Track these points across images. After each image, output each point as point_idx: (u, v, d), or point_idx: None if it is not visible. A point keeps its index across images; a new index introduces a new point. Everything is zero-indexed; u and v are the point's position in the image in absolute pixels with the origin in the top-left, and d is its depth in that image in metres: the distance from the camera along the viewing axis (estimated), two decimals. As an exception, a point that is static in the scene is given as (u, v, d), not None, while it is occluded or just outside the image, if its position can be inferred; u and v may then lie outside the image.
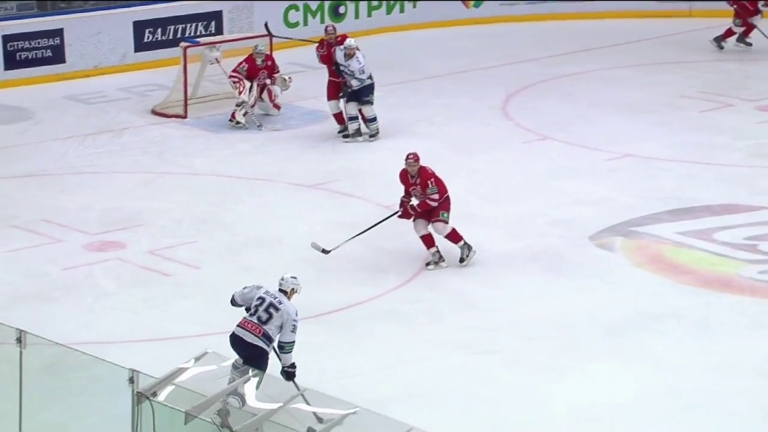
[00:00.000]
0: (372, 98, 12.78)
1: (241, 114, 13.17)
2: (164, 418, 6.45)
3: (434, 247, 10.00)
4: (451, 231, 9.99)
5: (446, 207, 10.00)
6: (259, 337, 7.45)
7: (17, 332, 6.43)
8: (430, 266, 9.97)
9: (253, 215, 11.09)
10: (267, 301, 7.51)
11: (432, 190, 9.92)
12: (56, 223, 10.72)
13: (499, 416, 7.95)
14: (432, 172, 9.99)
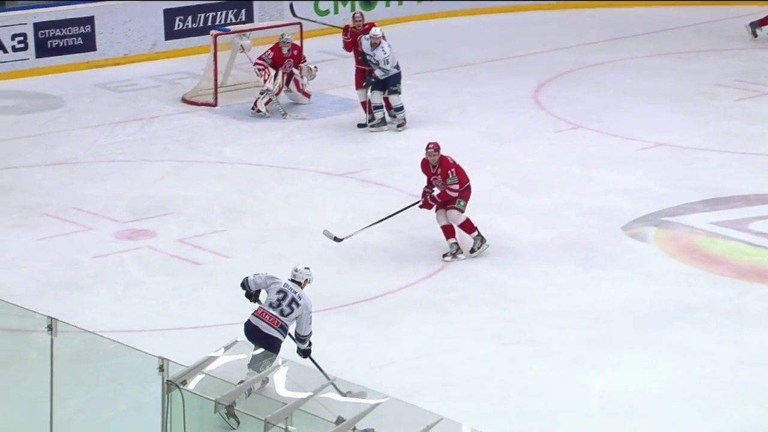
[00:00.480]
0: (399, 87, 12.75)
1: (262, 103, 13.18)
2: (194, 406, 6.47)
3: (454, 239, 9.97)
4: (465, 221, 9.94)
5: (465, 196, 9.96)
6: (276, 329, 7.57)
7: (48, 320, 6.46)
8: (447, 257, 9.94)
9: (282, 204, 11.10)
10: (289, 296, 7.62)
11: (452, 180, 9.89)
12: (86, 211, 10.78)
13: (530, 407, 7.93)
14: (453, 161, 9.96)
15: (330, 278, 9.69)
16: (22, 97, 13.70)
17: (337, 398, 6.12)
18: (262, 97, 13.20)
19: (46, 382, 6.57)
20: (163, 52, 15.13)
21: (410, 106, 13.59)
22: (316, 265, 9.87)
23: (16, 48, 14.39)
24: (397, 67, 12.72)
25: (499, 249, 10.26)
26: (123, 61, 14.91)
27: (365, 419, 5.87)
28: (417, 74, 14.54)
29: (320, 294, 9.38)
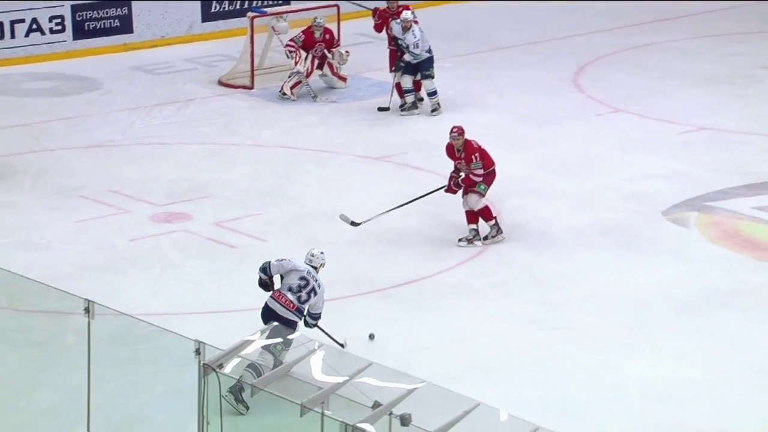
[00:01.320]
0: (432, 72, 12.71)
1: (288, 86, 13.19)
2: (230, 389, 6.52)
3: (474, 225, 9.93)
4: (484, 207, 9.90)
5: (487, 181, 9.91)
6: (292, 312, 7.69)
7: (85, 302, 6.52)
8: (462, 242, 9.92)
9: (319, 187, 11.12)
10: (310, 285, 7.73)
11: (476, 165, 9.86)
12: (123, 193, 10.86)
13: (568, 393, 7.92)
14: (477, 146, 9.92)
15: (365, 262, 9.71)
16: (60, 80, 13.81)
17: (374, 382, 6.14)
18: (289, 80, 13.21)
19: (83, 365, 6.64)
20: (200, 35, 15.18)
21: (447, 89, 13.57)
22: (351, 249, 9.93)
23: (54, 30, 14.50)
24: (429, 51, 12.68)
25: (537, 234, 10.24)
26: (159, 44, 14.98)
27: (402, 404, 5.88)
28: (454, 57, 14.50)
29: (356, 278, 9.43)
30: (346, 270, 9.56)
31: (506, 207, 10.74)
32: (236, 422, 6.55)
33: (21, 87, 13.53)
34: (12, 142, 11.96)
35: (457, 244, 9.91)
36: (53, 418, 7.31)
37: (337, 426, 5.61)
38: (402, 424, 5.68)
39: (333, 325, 8.70)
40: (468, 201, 9.94)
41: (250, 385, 6.88)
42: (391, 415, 5.76)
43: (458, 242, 9.92)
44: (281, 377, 6.56)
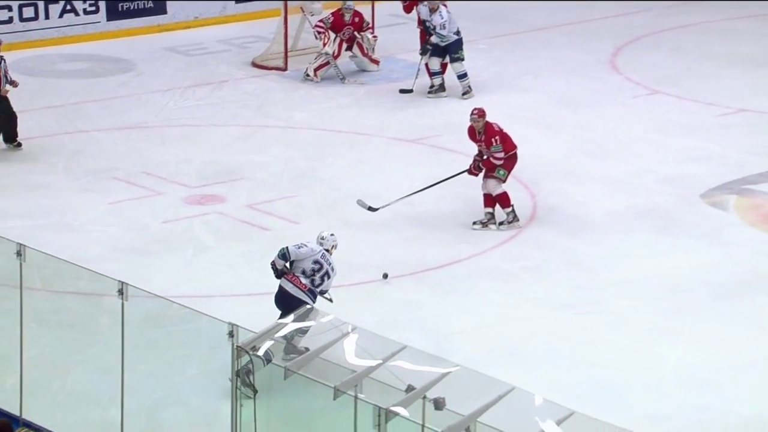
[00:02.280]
0: (461, 54, 12.64)
1: (312, 68, 13.17)
2: (263, 372, 6.54)
3: (490, 208, 9.89)
4: (502, 193, 9.83)
5: (507, 165, 9.83)
6: (305, 292, 7.73)
7: (119, 284, 6.56)
8: (476, 226, 9.88)
9: (352, 170, 11.12)
10: (324, 269, 7.77)
11: (496, 148, 9.80)
12: (156, 175, 10.91)
13: (602, 377, 7.89)
14: (498, 129, 9.85)
15: (399, 246, 9.71)
16: (93, 61, 13.87)
17: (408, 366, 6.14)
18: (314, 62, 13.20)
19: (117, 347, 6.68)
20: (233, 16, 15.19)
21: (482, 71, 13.51)
22: (385, 232, 9.93)
23: (88, 11, 14.56)
24: (457, 33, 12.62)
25: (573, 217, 10.19)
26: (193, 25, 15.00)
27: (436, 388, 5.88)
28: (489, 38, 14.43)
29: (388, 261, 9.43)
30: (378, 253, 9.57)
31: (541, 190, 10.70)
32: (269, 405, 6.57)
33: (55, 68, 13.61)
34: (46, 123, 12.03)
35: (471, 227, 9.87)
36: (87, 399, 7.37)
37: (370, 409, 5.62)
38: (436, 408, 5.68)
39: (365, 308, 8.73)
40: (487, 185, 9.89)
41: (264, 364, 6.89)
42: (424, 399, 5.76)
43: (472, 225, 9.88)
44: (314, 360, 6.58)
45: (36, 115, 12.17)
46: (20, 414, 6.87)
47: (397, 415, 5.61)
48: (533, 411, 5.81)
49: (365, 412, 5.66)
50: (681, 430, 7.44)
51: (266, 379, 6.66)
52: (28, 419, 6.83)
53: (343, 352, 6.57)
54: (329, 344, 6.68)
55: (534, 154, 11.50)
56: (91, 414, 7.21)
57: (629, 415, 7.47)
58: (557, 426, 5.48)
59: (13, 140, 11.33)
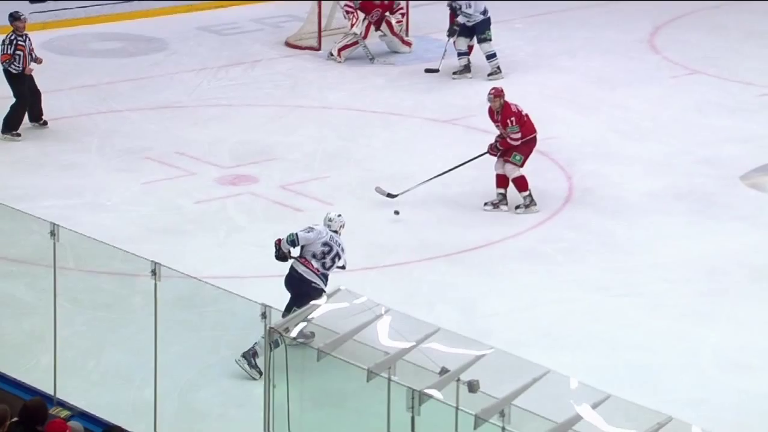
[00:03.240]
0: (488, 34, 12.56)
1: (337, 48, 13.14)
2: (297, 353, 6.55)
3: (502, 189, 9.84)
4: (519, 177, 9.77)
5: (523, 150, 9.75)
6: (318, 276, 7.70)
7: (152, 264, 6.59)
8: (487, 206, 9.85)
9: (386, 151, 11.10)
10: (334, 250, 7.74)
11: (512, 129, 9.74)
12: (189, 155, 10.94)
13: (640, 361, 7.86)
14: (516, 110, 9.78)
15: (433, 227, 9.69)
16: (126, 40, 13.92)
17: (442, 348, 6.14)
18: (340, 42, 13.17)
19: (150, 327, 6.72)
20: (267, -6, 15.18)
21: (518, 50, 13.44)
22: (419, 213, 9.92)
23: (121, -10, 14.59)
24: (484, 13, 12.54)
25: (609, 198, 10.14)
26: (226, 4, 15.00)
27: (470, 370, 5.87)
28: (525, 18, 14.35)
29: (422, 243, 9.42)
30: (412, 234, 9.56)
31: (577, 171, 10.65)
32: (302, 386, 6.58)
33: (88, 47, 13.66)
34: (79, 102, 12.09)
35: (482, 207, 9.82)
36: (120, 379, 7.42)
37: (404, 392, 5.62)
38: (470, 391, 5.67)
39: (399, 289, 8.72)
40: (506, 170, 9.82)
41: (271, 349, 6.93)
42: (458, 382, 5.75)
43: (484, 206, 9.84)
44: (347, 342, 6.58)
45: (69, 95, 12.24)
46: (54, 393, 6.93)
47: (431, 397, 5.61)
48: (569, 394, 5.79)
49: (399, 395, 5.66)
50: (719, 414, 7.39)
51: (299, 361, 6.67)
52: (62, 398, 6.89)
53: (377, 334, 6.57)
54: (362, 326, 6.68)
55: (570, 134, 11.44)
56: (124, 394, 7.26)
57: (666, 398, 7.43)
58: (593, 409, 5.46)
59: (38, 119, 11.38)
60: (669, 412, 5.44)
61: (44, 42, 13.58)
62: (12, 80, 11.16)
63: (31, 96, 11.27)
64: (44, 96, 11.54)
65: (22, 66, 11.09)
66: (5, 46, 11.13)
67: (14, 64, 11.07)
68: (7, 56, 11.07)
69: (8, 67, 11.12)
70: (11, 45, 11.10)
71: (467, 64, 12.72)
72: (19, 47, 11.10)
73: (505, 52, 13.50)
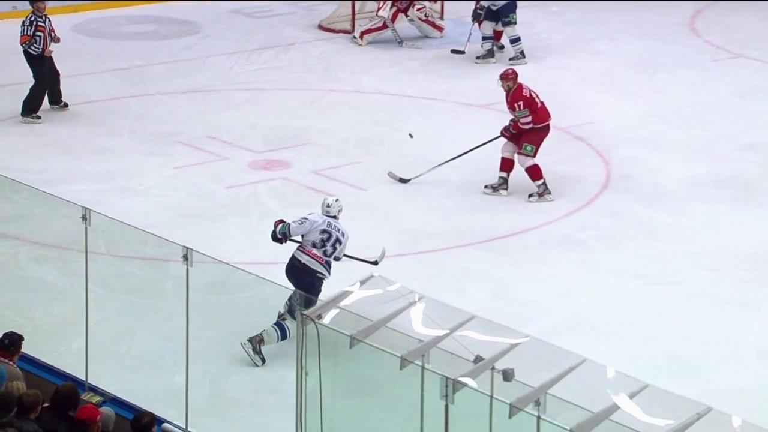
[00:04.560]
0: (513, 18, 12.50)
1: (360, 31, 13.14)
2: (329, 341, 6.57)
3: (504, 173, 9.81)
4: (532, 166, 9.69)
5: (534, 139, 9.67)
6: (322, 265, 7.65)
7: (183, 250, 6.62)
8: (487, 189, 9.84)
9: (420, 135, 11.08)
10: (333, 236, 7.68)
11: (521, 113, 9.69)
12: (221, 140, 10.97)
13: (678, 351, 7.83)
14: (527, 95, 9.72)
15: (467, 213, 9.68)
16: (159, 23, 13.97)
17: (476, 336, 6.14)
18: (365, 25, 13.15)
19: (181, 312, 6.75)
20: (300, -23, 15.17)
21: (555, 33, 13.38)
22: (453, 199, 9.91)
23: (153, -27, 14.64)
24: None
25: (648, 185, 10.09)
26: (259, -13, 15.02)
27: (504, 358, 5.87)
28: (562, 0, 14.27)
29: (456, 229, 9.41)
30: (445, 221, 9.56)
31: (615, 157, 10.60)
32: (335, 374, 6.60)
33: (121, 30, 13.73)
34: (111, 86, 12.15)
35: (482, 191, 9.79)
36: (152, 365, 7.48)
37: (437, 380, 5.62)
38: (504, 380, 5.67)
39: (432, 276, 8.72)
40: (519, 160, 9.76)
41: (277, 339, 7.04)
42: (493, 370, 5.75)
43: (484, 189, 9.81)
44: (381, 329, 6.59)
45: (101, 78, 12.30)
46: (86, 378, 6.98)
47: (465, 386, 5.61)
48: (605, 383, 5.77)
49: (432, 383, 5.67)
50: (759, 405, 7.34)
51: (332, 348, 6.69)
52: (93, 384, 6.94)
53: (410, 322, 6.57)
54: (396, 313, 6.69)
55: (608, 119, 11.38)
56: (155, 380, 7.31)
57: (705, 388, 7.39)
58: (630, 399, 5.44)
59: (58, 101, 11.39)
60: (708, 402, 5.41)
61: (76, 25, 13.67)
62: (32, 62, 11.16)
63: (51, 78, 11.26)
64: (76, 79, 11.62)
65: (42, 47, 11.08)
66: (25, 27, 11.12)
67: (34, 46, 11.06)
68: (26, 38, 11.06)
69: (28, 49, 11.11)
70: (31, 26, 11.10)
71: (491, 48, 12.69)
72: (39, 28, 11.09)
73: (541, 36, 13.45)
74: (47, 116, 11.34)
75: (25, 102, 11.21)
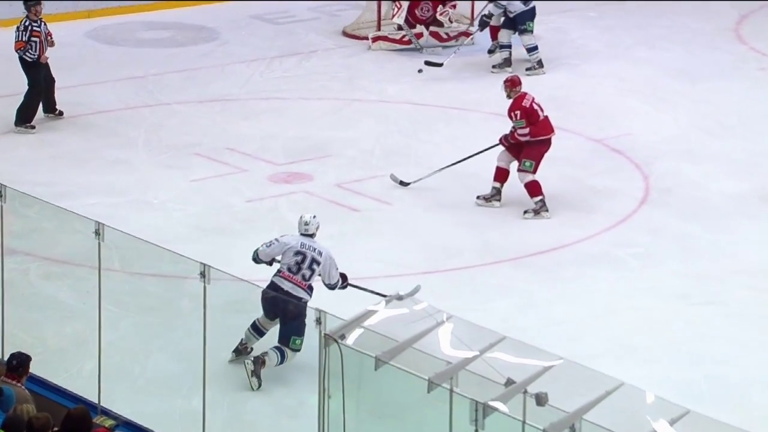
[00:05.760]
0: (530, 26, 12.53)
1: (372, 35, 13.17)
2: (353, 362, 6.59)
3: (497, 183, 9.85)
4: (530, 182, 9.71)
5: (533, 154, 9.69)
6: (304, 290, 7.58)
7: (201, 266, 6.66)
8: (479, 201, 9.90)
9: (448, 147, 11.11)
10: (308, 257, 7.60)
11: (518, 124, 9.75)
12: (240, 151, 11.04)
13: (722, 375, 7.81)
14: (527, 105, 9.76)
15: (498, 228, 9.70)
16: (175, 29, 14.07)
17: (508, 358, 6.14)
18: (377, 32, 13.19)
19: (198, 332, 6.79)
20: (323, -19, 15.26)
21: (592, 40, 13.40)
22: (484, 213, 9.92)
23: (169, -23, 14.76)
24: (525, 3, 12.48)
25: (690, 200, 10.08)
26: (280, -9, 15.11)
27: (537, 382, 5.88)
28: (599, 5, 14.29)
29: (486, 245, 9.43)
30: (476, 236, 9.58)
31: (655, 170, 10.60)
32: (359, 397, 6.63)
33: (136, 36, 13.83)
34: (126, 94, 12.24)
35: (475, 202, 9.85)
36: (167, 387, 7.51)
37: (467, 404, 5.63)
38: (537, 404, 5.67)
39: (462, 295, 8.74)
40: (519, 177, 9.77)
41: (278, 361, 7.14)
42: (525, 394, 5.76)
43: (476, 200, 9.88)
44: (407, 350, 6.61)
45: (115, 87, 12.40)
46: (98, 401, 7.03)
47: (496, 410, 5.62)
48: (644, 409, 5.77)
49: (461, 407, 5.68)
50: (807, 434, 7.32)
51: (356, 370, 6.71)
52: (106, 407, 6.98)
53: (438, 342, 6.59)
54: (423, 333, 6.71)
55: (648, 131, 11.38)
56: (171, 402, 7.35)
57: (751, 415, 7.37)
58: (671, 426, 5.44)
59: (53, 109, 11.36)
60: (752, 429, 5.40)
61: (89, 31, 13.79)
62: (27, 68, 11.16)
63: (46, 85, 11.23)
64: (89, 88, 11.72)
65: (38, 54, 11.07)
66: (20, 32, 11.10)
67: (29, 52, 11.05)
68: (21, 44, 11.05)
69: (23, 55, 11.11)
70: (26, 32, 11.09)
71: (508, 57, 12.72)
72: (34, 34, 11.08)
73: (577, 43, 13.47)
74: (58, 126, 11.43)
75: (19, 111, 11.20)
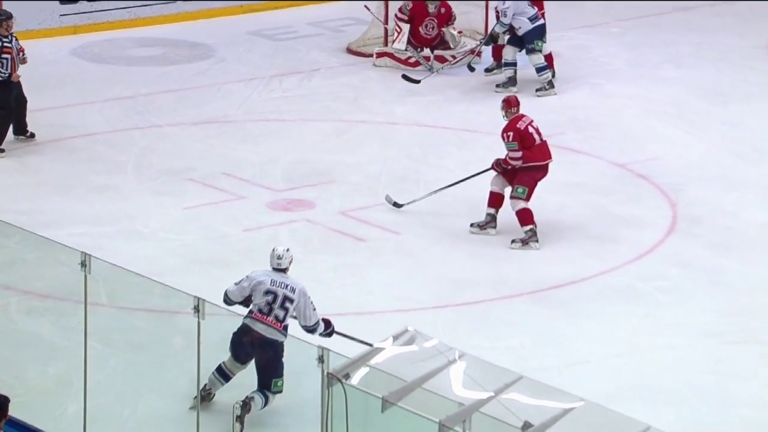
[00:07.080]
0: (537, 45, 12.62)
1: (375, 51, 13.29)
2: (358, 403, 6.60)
3: (492, 210, 9.92)
4: (521, 210, 9.76)
5: (526, 180, 9.76)
6: (279, 331, 7.48)
7: (195, 300, 6.69)
8: (473, 228, 9.95)
9: (460, 172, 11.13)
10: (280, 294, 7.49)
11: (509, 146, 9.84)
12: (237, 177, 11.08)
13: (757, 418, 7.82)
14: (521, 127, 9.84)
15: (514, 260, 9.72)
16: (168, 46, 14.16)
17: (524, 399, 6.16)
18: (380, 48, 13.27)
19: (192, 370, 6.82)
20: (326, -5, 15.38)
21: (615, 58, 13.47)
22: (498, 244, 9.95)
23: (162, -10, 14.86)
24: (532, 20, 12.54)
25: (721, 230, 10.10)
26: (281, 6, 15.21)
27: (557, 425, 5.89)
28: (623, 21, 14.37)
29: (501, 278, 9.45)
30: (490, 268, 9.60)
31: (683, 198, 10.63)
32: (364, 440, 6.64)
33: (126, 54, 13.92)
34: (115, 116, 12.31)
35: (469, 229, 9.90)
36: (159, 429, 7.53)
37: (480, 448, 5.66)
38: None
39: (474, 331, 8.75)
40: (511, 204, 9.84)
41: (262, 405, 7.16)
42: (540, 437, 5.77)
43: (470, 227, 9.92)
44: (416, 391, 6.62)
45: (103, 108, 12.47)
46: (83, 445, 7.05)
47: (512, 455, 5.63)
48: (672, 455, 5.78)
49: (475, 452, 5.70)
50: None
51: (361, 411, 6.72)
52: (91, 452, 7.01)
53: (450, 382, 6.60)
54: (433, 372, 6.72)
55: (675, 155, 11.42)
56: (162, 447, 7.37)
57: (786, 463, 7.39)
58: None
59: (24, 131, 11.33)
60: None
61: (75, 48, 13.88)
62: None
63: (17, 105, 11.18)
64: (74, 109, 11.78)
65: (9, 72, 11.03)
66: None
67: (0, 71, 11.03)
68: None
69: None
70: None
71: (513, 75, 12.81)
72: (5, 50, 11.01)
73: (599, 61, 13.54)
74: (41, 150, 11.47)
75: None
